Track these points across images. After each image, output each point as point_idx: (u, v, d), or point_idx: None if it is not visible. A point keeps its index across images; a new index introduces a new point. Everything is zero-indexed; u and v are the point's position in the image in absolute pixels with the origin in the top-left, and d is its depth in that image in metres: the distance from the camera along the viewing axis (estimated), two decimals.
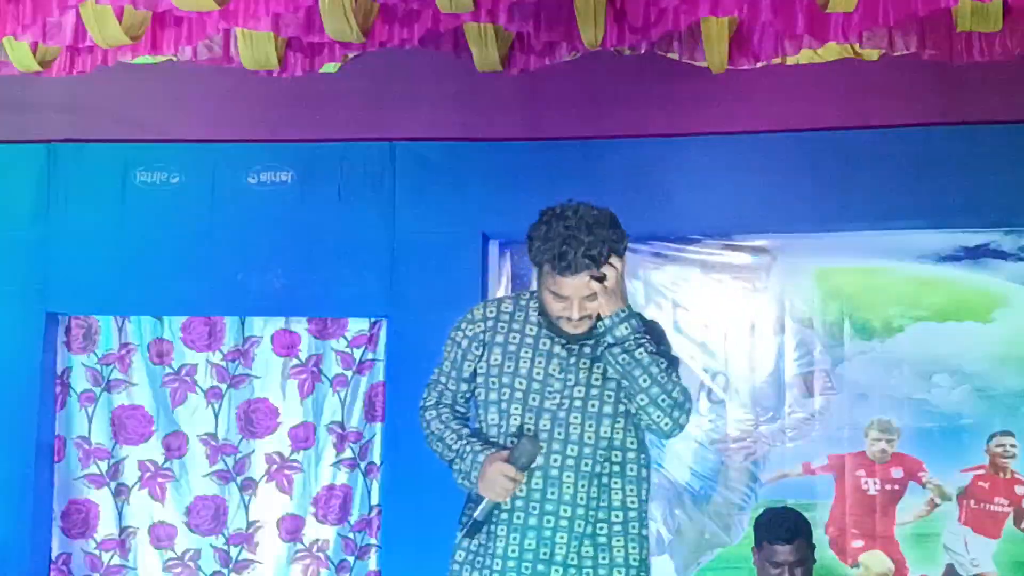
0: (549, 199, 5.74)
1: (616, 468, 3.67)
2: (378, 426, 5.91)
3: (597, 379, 3.66)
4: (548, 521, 3.61)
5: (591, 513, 3.64)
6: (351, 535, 5.88)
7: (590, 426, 3.64)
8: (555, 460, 3.62)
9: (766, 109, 5.75)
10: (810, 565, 4.69)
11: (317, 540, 5.91)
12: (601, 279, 3.56)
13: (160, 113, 6.05)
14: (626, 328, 3.58)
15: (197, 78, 5.83)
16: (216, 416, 5.98)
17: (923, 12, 4.62)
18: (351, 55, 5.44)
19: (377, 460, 5.89)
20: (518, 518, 3.63)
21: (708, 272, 5.92)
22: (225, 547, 5.93)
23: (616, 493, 3.66)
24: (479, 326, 3.75)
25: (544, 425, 3.62)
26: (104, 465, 5.98)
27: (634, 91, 5.80)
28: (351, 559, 5.88)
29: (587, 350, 3.67)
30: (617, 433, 3.67)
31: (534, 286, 3.77)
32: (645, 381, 3.57)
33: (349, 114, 5.96)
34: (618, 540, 3.66)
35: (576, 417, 3.63)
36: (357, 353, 5.95)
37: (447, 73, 5.71)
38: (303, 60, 5.35)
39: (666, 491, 5.84)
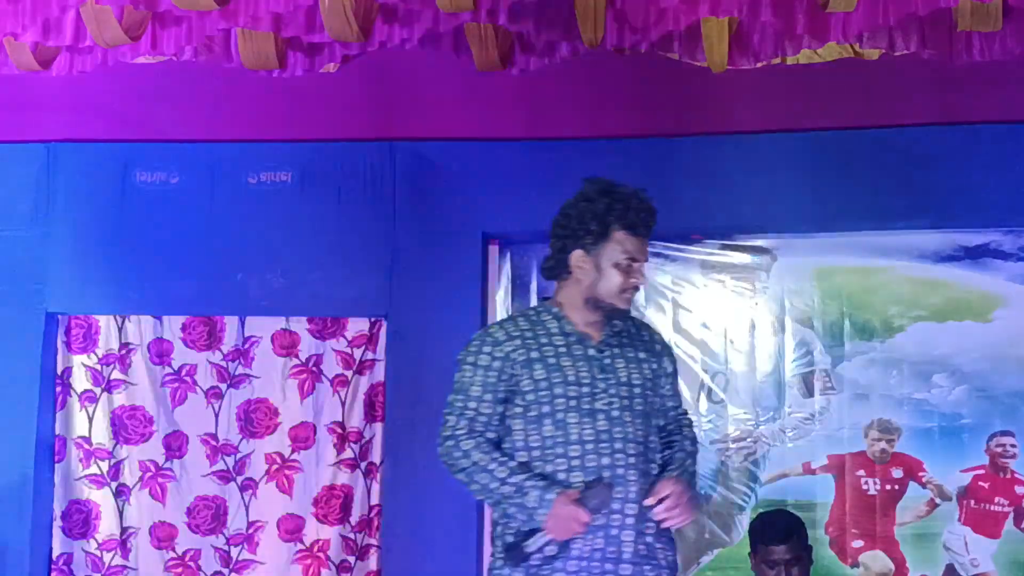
0: (549, 199, 5.76)
1: (654, 463, 3.72)
2: (378, 426, 5.91)
3: (635, 377, 3.73)
4: (615, 519, 3.62)
5: (642, 511, 3.66)
6: (351, 535, 5.88)
7: (640, 422, 3.69)
8: (619, 459, 3.63)
9: (766, 109, 5.75)
10: (807, 564, 4.71)
11: (318, 540, 5.90)
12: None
13: (160, 113, 6.05)
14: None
15: (197, 78, 5.83)
16: (216, 416, 5.98)
17: (923, 12, 4.62)
18: (351, 55, 5.44)
19: (377, 460, 5.89)
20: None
21: (708, 272, 5.92)
22: (225, 547, 5.93)
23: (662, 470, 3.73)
24: (509, 345, 3.70)
25: (602, 426, 3.64)
26: (105, 465, 5.98)
27: (634, 91, 5.80)
28: (352, 559, 5.88)
29: (616, 350, 3.73)
30: (653, 427, 3.74)
31: (572, 294, 3.77)
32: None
33: (349, 114, 5.96)
34: (661, 540, 3.70)
35: (627, 415, 3.67)
36: (357, 353, 5.95)
37: (447, 73, 5.71)
38: (303, 60, 5.35)
39: None
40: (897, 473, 5.75)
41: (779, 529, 4.71)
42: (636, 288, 3.74)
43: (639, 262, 3.73)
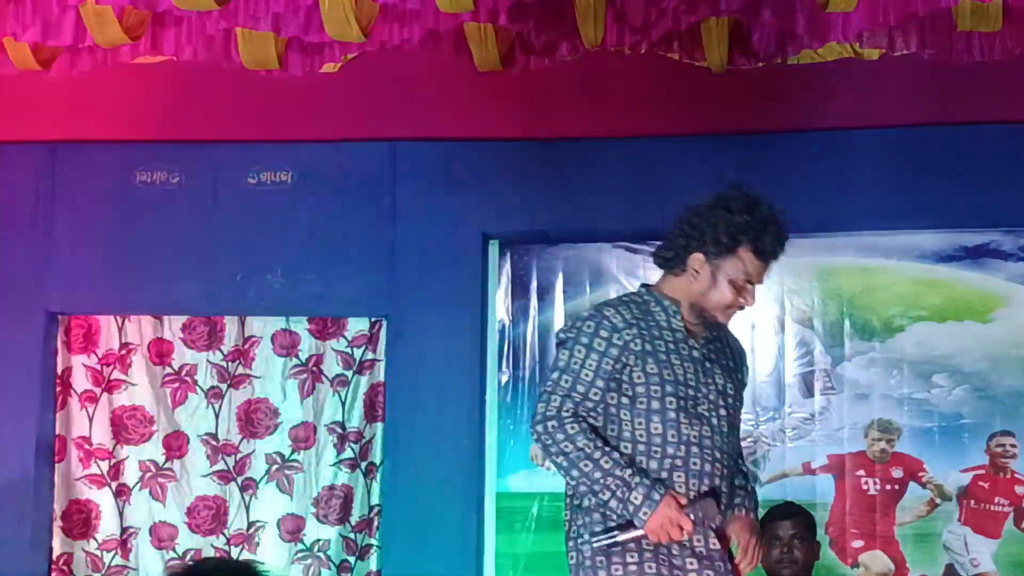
0: (549, 199, 5.81)
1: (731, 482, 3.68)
2: (378, 426, 5.91)
3: (729, 387, 3.66)
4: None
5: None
6: (352, 535, 5.88)
7: (732, 434, 3.65)
8: (718, 469, 3.56)
9: (766, 109, 5.74)
10: (809, 548, 4.81)
11: (318, 540, 5.90)
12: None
13: (160, 113, 6.05)
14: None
15: (197, 78, 5.83)
16: (216, 416, 5.98)
17: (923, 12, 4.62)
18: (351, 55, 5.45)
19: (377, 460, 5.89)
20: None
21: None
22: (226, 547, 5.92)
23: (735, 496, 3.67)
24: (628, 334, 3.53)
25: (705, 432, 3.55)
26: (105, 465, 5.98)
27: (634, 91, 5.80)
28: (352, 559, 5.88)
29: (715, 356, 3.66)
30: (738, 443, 3.70)
31: (680, 291, 3.66)
32: None
33: (349, 114, 5.96)
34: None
35: (724, 425, 3.60)
36: (357, 353, 5.96)
37: (447, 73, 5.71)
38: (303, 60, 5.36)
39: None
40: (897, 473, 5.75)
41: (784, 508, 4.89)
42: (742, 308, 3.65)
43: (754, 284, 3.64)
